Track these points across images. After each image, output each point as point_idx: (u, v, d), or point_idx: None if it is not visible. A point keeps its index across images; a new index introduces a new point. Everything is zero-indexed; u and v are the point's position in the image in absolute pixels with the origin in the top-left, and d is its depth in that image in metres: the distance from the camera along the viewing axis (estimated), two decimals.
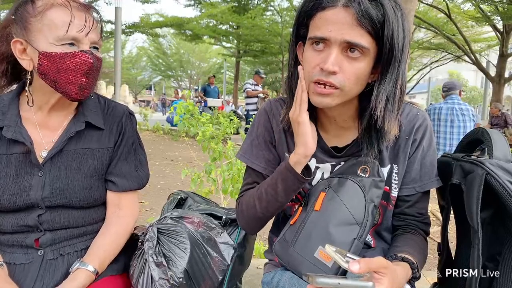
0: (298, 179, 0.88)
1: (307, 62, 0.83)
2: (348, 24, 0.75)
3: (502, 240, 0.82)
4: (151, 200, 3.89)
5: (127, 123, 1.07)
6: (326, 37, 0.77)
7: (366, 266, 0.64)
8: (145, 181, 1.09)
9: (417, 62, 18.52)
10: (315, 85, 0.81)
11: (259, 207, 0.94)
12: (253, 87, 8.17)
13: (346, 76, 0.79)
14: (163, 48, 31.37)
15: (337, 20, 0.76)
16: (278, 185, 0.90)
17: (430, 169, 0.95)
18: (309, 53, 0.82)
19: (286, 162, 0.89)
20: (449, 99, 4.55)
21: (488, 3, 10.22)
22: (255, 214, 0.96)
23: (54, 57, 0.87)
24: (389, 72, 0.80)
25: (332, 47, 0.77)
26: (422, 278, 1.83)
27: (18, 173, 0.93)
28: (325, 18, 0.78)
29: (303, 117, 0.85)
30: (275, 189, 0.91)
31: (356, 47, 0.76)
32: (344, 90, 0.80)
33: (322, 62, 0.78)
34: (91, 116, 1.01)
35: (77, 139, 0.99)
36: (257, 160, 1.01)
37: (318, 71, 0.80)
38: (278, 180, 0.90)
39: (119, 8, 7.61)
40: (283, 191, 0.90)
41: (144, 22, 11.56)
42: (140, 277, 0.97)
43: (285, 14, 15.21)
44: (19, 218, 0.93)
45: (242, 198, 1.01)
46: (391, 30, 0.75)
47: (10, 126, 0.93)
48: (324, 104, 0.82)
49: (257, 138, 1.02)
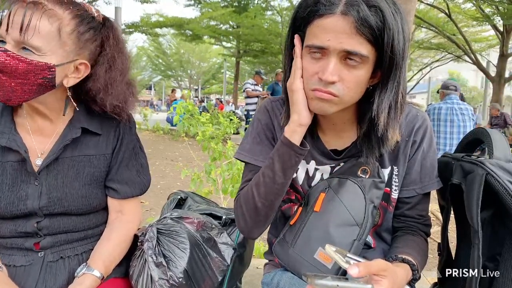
0: (294, 151, 0.85)
1: (305, 70, 0.81)
2: (346, 33, 0.73)
3: (502, 240, 0.81)
4: (151, 200, 3.89)
5: (125, 128, 1.03)
6: (324, 46, 0.75)
7: (365, 270, 0.64)
8: (147, 186, 1.07)
9: (417, 62, 18.51)
10: (315, 92, 0.79)
11: (257, 195, 0.88)
12: (253, 87, 8.16)
13: (345, 84, 0.77)
14: (163, 48, 31.35)
15: (335, 28, 0.73)
16: (275, 164, 0.86)
17: (431, 170, 0.94)
18: (307, 61, 0.80)
19: (282, 136, 0.86)
20: (448, 99, 4.55)
21: (488, 3, 10.22)
22: (254, 205, 0.89)
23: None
24: (390, 80, 0.78)
25: (330, 56, 0.75)
26: (422, 278, 1.83)
27: (14, 182, 0.90)
28: (322, 26, 0.75)
29: (296, 84, 0.83)
30: (272, 169, 0.87)
31: (355, 56, 0.75)
32: (343, 99, 0.79)
33: (321, 72, 0.77)
34: (88, 121, 0.97)
35: (73, 145, 0.95)
36: (259, 157, 0.97)
37: (317, 80, 0.78)
38: (274, 158, 0.87)
39: (119, 8, 7.61)
40: (280, 170, 0.86)
41: (144, 22, 11.56)
42: (139, 277, 0.97)
43: (285, 14, 15.22)
44: (17, 225, 0.91)
45: (240, 193, 0.96)
46: (391, 36, 0.73)
47: (4, 133, 0.90)
48: (323, 110, 0.81)
49: (259, 136, 0.99)
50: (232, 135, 3.45)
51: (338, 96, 0.78)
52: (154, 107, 30.62)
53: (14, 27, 0.79)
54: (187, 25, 13.29)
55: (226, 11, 13.88)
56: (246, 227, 0.93)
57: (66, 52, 0.85)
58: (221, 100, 22.87)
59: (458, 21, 11.69)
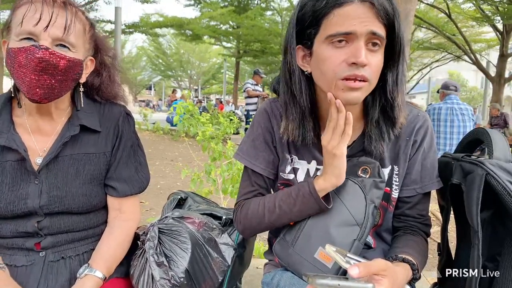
0: (319, 205, 0.87)
1: (329, 61, 0.79)
2: (368, 17, 0.76)
3: (502, 240, 0.82)
4: (151, 200, 3.89)
5: (125, 125, 1.04)
6: (351, 31, 0.76)
7: (365, 270, 0.64)
8: (146, 184, 1.07)
9: (417, 62, 18.51)
10: (345, 81, 0.79)
11: (268, 219, 0.93)
12: (253, 87, 8.15)
13: (372, 68, 0.79)
14: (163, 48, 31.33)
15: (358, 14, 0.76)
16: (296, 205, 0.89)
17: (431, 170, 0.95)
18: (329, 51, 0.79)
19: (311, 187, 0.86)
20: (448, 99, 4.55)
21: (488, 3, 10.22)
22: (260, 223, 0.95)
23: (10, 53, 0.82)
24: (400, 62, 0.84)
25: (359, 40, 0.77)
26: (422, 278, 1.83)
27: (14, 181, 0.91)
28: (345, 14, 0.77)
29: (341, 150, 0.82)
30: (291, 208, 0.90)
31: (377, 39, 0.78)
32: (371, 83, 0.81)
33: (351, 56, 0.77)
34: (86, 119, 0.97)
35: (73, 143, 0.96)
36: (257, 162, 0.99)
37: (346, 67, 0.78)
38: (297, 200, 0.89)
39: (118, 8, 7.61)
40: (299, 212, 0.89)
41: (144, 22, 11.55)
42: (140, 277, 0.97)
43: (285, 14, 15.21)
44: (18, 224, 0.91)
45: (247, 203, 0.99)
46: (399, 22, 0.80)
47: (2, 132, 0.90)
48: (356, 99, 0.81)
49: (257, 139, 1.00)
50: (232, 135, 3.45)
51: (369, 80, 0.79)
52: (154, 107, 30.60)
53: (57, 26, 0.84)
54: (187, 25, 13.28)
55: (226, 10, 13.87)
56: (246, 233, 1.02)
57: (85, 49, 0.93)
58: (221, 100, 22.85)
59: (458, 21, 11.69)
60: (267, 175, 1.00)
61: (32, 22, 0.82)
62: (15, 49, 0.82)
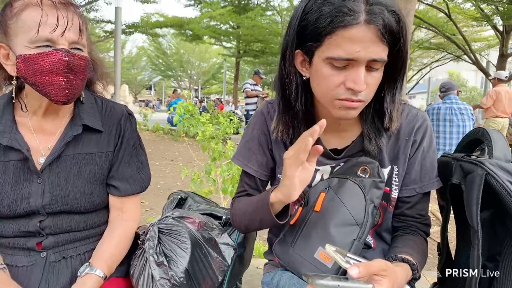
0: (273, 221, 0.86)
1: (327, 80, 0.79)
2: (372, 42, 0.74)
3: (502, 240, 0.82)
4: (151, 200, 3.89)
5: (127, 125, 1.04)
6: (354, 58, 0.75)
7: (365, 270, 0.64)
8: (147, 183, 1.08)
9: (416, 62, 18.51)
10: (342, 101, 0.80)
11: (246, 221, 0.97)
12: (252, 87, 8.16)
13: (369, 89, 0.80)
14: (163, 48, 31.36)
15: (362, 38, 0.73)
16: (257, 216, 0.91)
17: (430, 170, 0.95)
18: (329, 71, 0.79)
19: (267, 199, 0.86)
20: (447, 99, 4.56)
21: (488, 3, 10.22)
22: (245, 223, 0.98)
23: (28, 59, 0.83)
24: (401, 77, 0.85)
25: (359, 66, 0.76)
26: (422, 278, 1.84)
27: (16, 180, 0.91)
28: (348, 37, 0.73)
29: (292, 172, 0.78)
30: (254, 218, 0.93)
31: (379, 63, 0.77)
32: (366, 102, 0.82)
33: (350, 82, 0.77)
34: (88, 119, 0.98)
35: (75, 143, 0.96)
36: (249, 163, 1.02)
37: (343, 89, 0.78)
38: (258, 211, 0.90)
39: (119, 8, 7.60)
40: (259, 222, 0.91)
41: (144, 22, 11.55)
42: (140, 276, 0.97)
43: (285, 14, 15.21)
44: (20, 224, 0.92)
45: (236, 201, 1.03)
46: (405, 37, 0.78)
47: (5, 132, 0.90)
48: (351, 116, 0.82)
49: (252, 141, 1.02)
50: (232, 135, 3.44)
51: (365, 101, 0.81)
52: (153, 107, 30.61)
53: (73, 30, 0.86)
54: (187, 25, 13.27)
55: (226, 10, 13.86)
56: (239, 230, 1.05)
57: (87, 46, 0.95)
58: (221, 100, 22.85)
59: (458, 21, 11.68)
60: (259, 177, 1.03)
61: (49, 29, 0.83)
62: (35, 55, 0.83)
